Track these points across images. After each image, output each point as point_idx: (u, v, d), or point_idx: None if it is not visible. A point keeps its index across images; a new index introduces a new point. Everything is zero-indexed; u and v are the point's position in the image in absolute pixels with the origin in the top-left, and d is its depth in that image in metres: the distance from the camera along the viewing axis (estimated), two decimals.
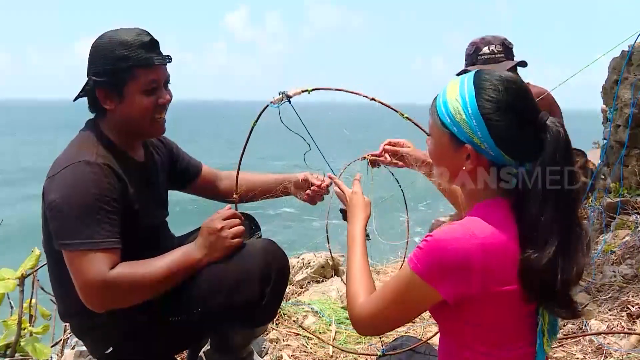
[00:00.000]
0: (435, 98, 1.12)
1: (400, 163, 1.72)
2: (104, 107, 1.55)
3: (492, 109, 1.02)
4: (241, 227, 1.57)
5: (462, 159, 1.06)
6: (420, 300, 1.06)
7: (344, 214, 1.50)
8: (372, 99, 1.70)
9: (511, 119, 1.02)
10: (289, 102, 1.65)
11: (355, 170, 1.74)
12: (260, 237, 1.91)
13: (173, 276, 1.48)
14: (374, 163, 2.43)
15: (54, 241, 1.44)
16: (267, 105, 1.65)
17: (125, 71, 1.49)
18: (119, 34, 1.52)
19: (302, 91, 1.66)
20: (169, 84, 1.62)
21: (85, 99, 1.60)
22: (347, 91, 1.70)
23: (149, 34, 1.54)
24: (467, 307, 1.03)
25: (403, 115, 1.70)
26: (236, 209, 1.71)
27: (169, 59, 1.58)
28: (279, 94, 1.65)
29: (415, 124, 1.70)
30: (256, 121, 1.68)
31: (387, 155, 1.72)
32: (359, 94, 1.70)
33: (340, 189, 1.54)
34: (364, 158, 2.46)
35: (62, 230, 1.42)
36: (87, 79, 1.54)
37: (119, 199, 1.48)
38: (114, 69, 1.49)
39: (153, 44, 1.54)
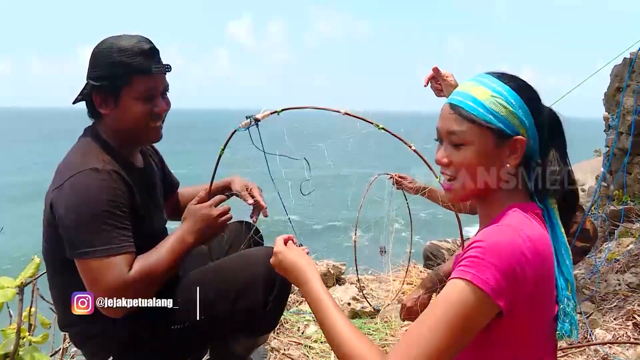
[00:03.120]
0: (453, 107, 1.06)
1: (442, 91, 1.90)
2: (100, 112, 1.54)
3: (528, 98, 1.05)
4: (227, 206, 1.62)
5: (504, 157, 1.04)
6: (481, 320, 0.93)
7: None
8: (345, 114, 1.72)
9: (539, 105, 1.08)
10: (257, 125, 1.65)
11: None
12: (261, 236, 1.94)
13: (176, 263, 1.51)
14: (399, 183, 2.51)
15: (68, 251, 1.42)
16: (235, 130, 1.66)
17: (122, 77, 1.49)
18: (119, 40, 1.52)
19: (271, 113, 1.67)
20: (167, 93, 1.61)
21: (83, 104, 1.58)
22: (317, 108, 1.71)
23: (149, 41, 1.54)
24: (507, 316, 0.95)
25: (378, 126, 1.74)
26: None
27: (168, 67, 1.57)
28: (247, 117, 1.65)
29: (391, 133, 1.76)
30: (224, 148, 1.70)
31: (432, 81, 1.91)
32: (331, 110, 1.71)
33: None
34: (391, 177, 2.52)
35: (78, 239, 1.40)
36: (86, 82, 1.53)
37: (128, 205, 1.48)
38: (112, 74, 1.49)
39: (152, 52, 1.53)
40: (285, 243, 1.29)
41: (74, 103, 1.59)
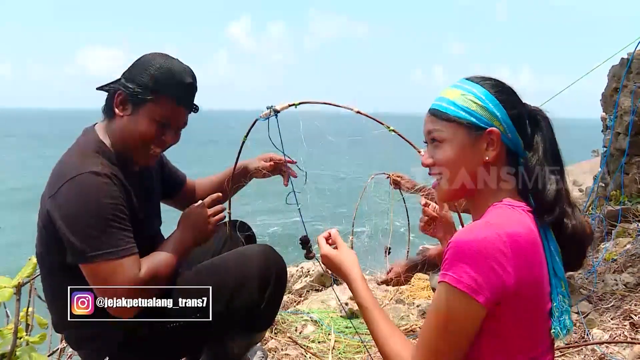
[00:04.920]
0: (430, 110, 1.12)
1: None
2: (114, 111, 1.54)
3: (498, 92, 1.09)
4: (220, 206, 1.67)
5: (482, 151, 1.07)
6: (470, 320, 0.96)
7: (304, 243, 1.39)
8: (358, 112, 1.73)
9: (514, 99, 1.11)
10: (276, 116, 1.69)
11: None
12: (252, 234, 1.96)
13: (178, 264, 1.54)
14: (396, 183, 2.53)
15: (71, 256, 1.41)
16: (257, 120, 1.70)
17: (153, 92, 1.49)
18: (171, 61, 1.54)
19: (289, 105, 1.71)
20: (180, 130, 1.62)
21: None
22: (332, 104, 1.74)
23: (194, 77, 1.57)
24: (493, 313, 0.96)
25: (389, 128, 1.74)
26: (229, 208, 1.85)
27: (195, 108, 1.61)
28: (267, 108, 1.70)
29: (400, 136, 1.75)
30: (246, 136, 1.76)
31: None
32: (344, 107, 1.73)
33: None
34: (388, 177, 2.53)
35: (83, 243, 1.38)
36: (119, 78, 1.55)
37: (127, 208, 1.48)
38: (145, 84, 1.49)
39: (191, 88, 1.56)
40: (327, 240, 1.36)
41: (97, 88, 1.59)
